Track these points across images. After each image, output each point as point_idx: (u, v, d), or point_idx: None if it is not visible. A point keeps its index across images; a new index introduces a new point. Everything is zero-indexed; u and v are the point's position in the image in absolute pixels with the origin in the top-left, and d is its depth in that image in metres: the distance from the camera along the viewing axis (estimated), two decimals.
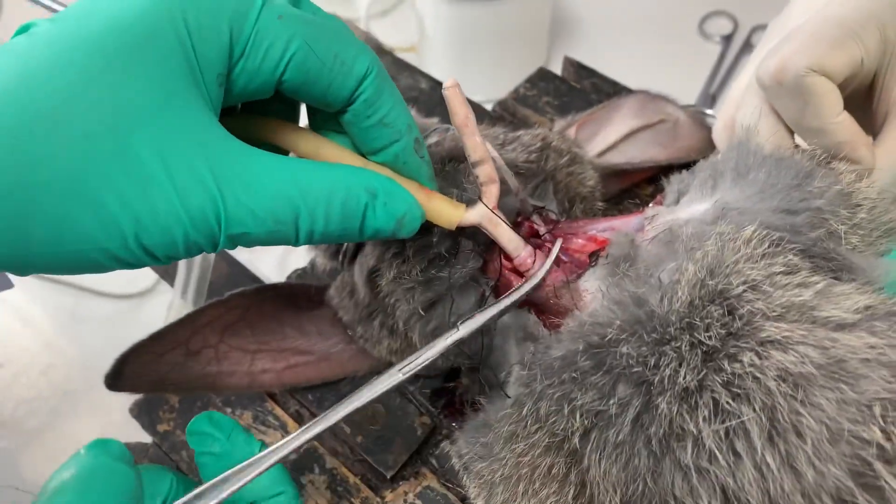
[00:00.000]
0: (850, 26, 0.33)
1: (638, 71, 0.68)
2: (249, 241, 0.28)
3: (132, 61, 0.26)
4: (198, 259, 0.49)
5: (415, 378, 0.43)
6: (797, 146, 0.36)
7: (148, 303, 0.66)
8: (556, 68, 0.60)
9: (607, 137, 0.51)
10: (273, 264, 0.63)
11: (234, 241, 0.28)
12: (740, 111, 0.39)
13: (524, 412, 0.32)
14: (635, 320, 0.29)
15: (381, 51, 0.58)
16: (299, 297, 0.44)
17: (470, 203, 0.33)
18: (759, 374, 0.26)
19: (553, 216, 0.38)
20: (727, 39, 0.82)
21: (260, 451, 0.32)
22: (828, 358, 0.26)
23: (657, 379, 0.28)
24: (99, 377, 0.61)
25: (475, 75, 0.74)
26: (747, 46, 0.81)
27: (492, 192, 0.34)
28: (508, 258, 0.35)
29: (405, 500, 0.38)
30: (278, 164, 0.28)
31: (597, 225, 0.36)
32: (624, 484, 0.28)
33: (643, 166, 0.50)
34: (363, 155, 0.33)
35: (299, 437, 0.30)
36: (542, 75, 0.56)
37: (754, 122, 0.38)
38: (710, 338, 0.27)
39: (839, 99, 0.34)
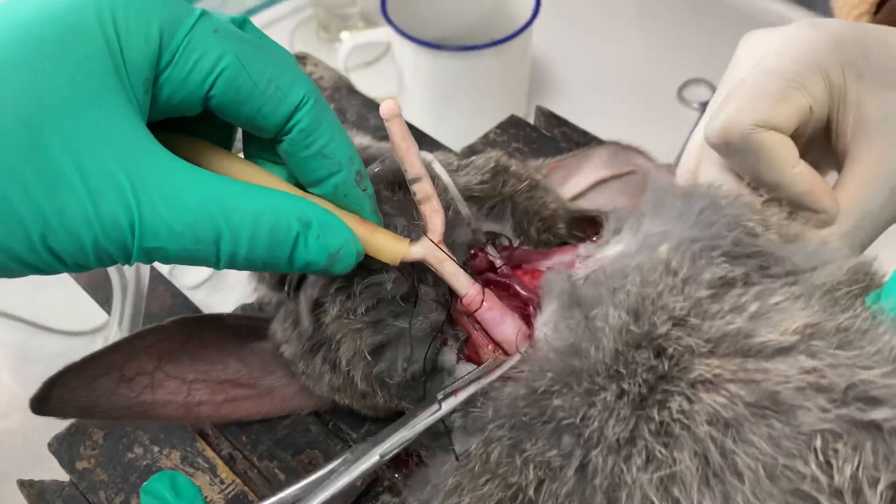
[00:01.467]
0: (791, 76, 0.33)
1: (617, 131, 0.68)
2: (166, 258, 0.27)
3: (54, 54, 0.25)
4: (131, 286, 0.47)
5: (361, 421, 0.41)
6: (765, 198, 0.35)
7: (100, 341, 0.63)
8: (531, 120, 0.59)
9: (576, 185, 0.50)
10: (229, 300, 0.61)
11: (149, 256, 0.26)
12: (701, 168, 0.38)
13: (471, 458, 0.29)
14: (569, 371, 0.27)
15: (352, 91, 0.57)
16: (244, 328, 0.42)
17: (414, 237, 0.32)
18: (687, 421, 0.25)
19: (507, 242, 0.36)
20: (705, 106, 0.83)
21: None
22: (759, 394, 0.25)
23: (588, 432, 0.26)
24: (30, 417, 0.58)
25: (452, 125, 0.74)
26: None
27: (436, 225, 0.32)
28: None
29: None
30: (203, 180, 0.27)
31: (546, 260, 0.34)
32: None
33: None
34: (301, 187, 0.31)
35: None
36: (514, 122, 0.55)
37: (716, 179, 0.37)
38: (636, 384, 0.26)
39: (793, 150, 0.33)
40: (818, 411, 0.25)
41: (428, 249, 0.32)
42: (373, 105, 0.58)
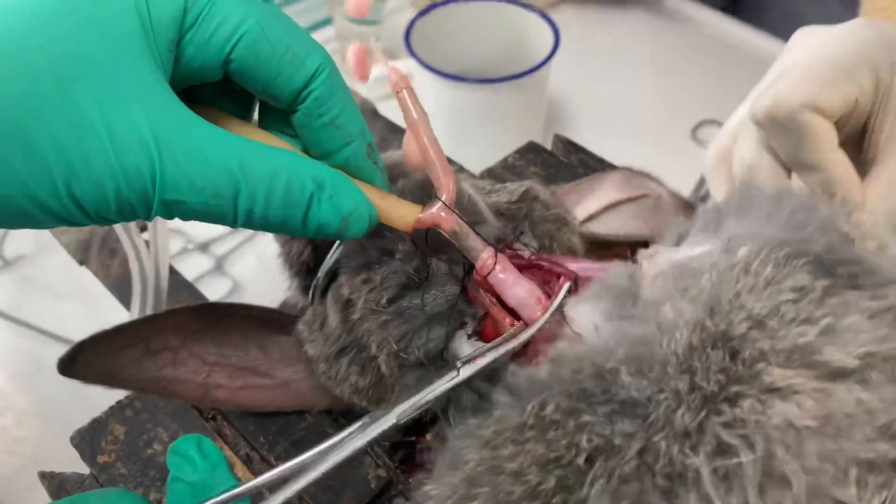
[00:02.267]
0: (843, 66, 0.34)
1: (632, 167, 0.69)
2: (185, 212, 0.28)
3: (86, 11, 0.26)
4: (151, 285, 0.48)
5: None
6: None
7: None
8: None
9: (589, 207, 0.51)
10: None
11: (170, 209, 0.27)
12: (737, 145, 0.39)
13: (525, 412, 0.28)
14: (637, 356, 0.27)
15: (376, 115, 0.59)
16: (271, 321, 0.43)
17: (426, 205, 0.33)
18: (761, 419, 0.25)
19: (528, 244, 0.37)
20: None
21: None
22: (822, 411, 0.25)
23: (655, 416, 0.26)
24: (48, 423, 0.59)
25: (471, 153, 0.75)
26: None
27: (448, 189, 0.33)
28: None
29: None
30: (223, 137, 0.28)
31: (581, 263, 0.35)
32: None
33: (625, 240, 0.50)
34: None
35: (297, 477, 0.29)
36: (532, 148, 0.57)
37: (752, 158, 0.38)
38: (708, 381, 0.26)
39: (834, 135, 0.34)
40: (862, 441, 0.25)
41: (439, 213, 0.33)
42: (396, 128, 0.60)
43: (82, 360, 0.37)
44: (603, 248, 0.51)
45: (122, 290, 0.52)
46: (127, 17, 0.27)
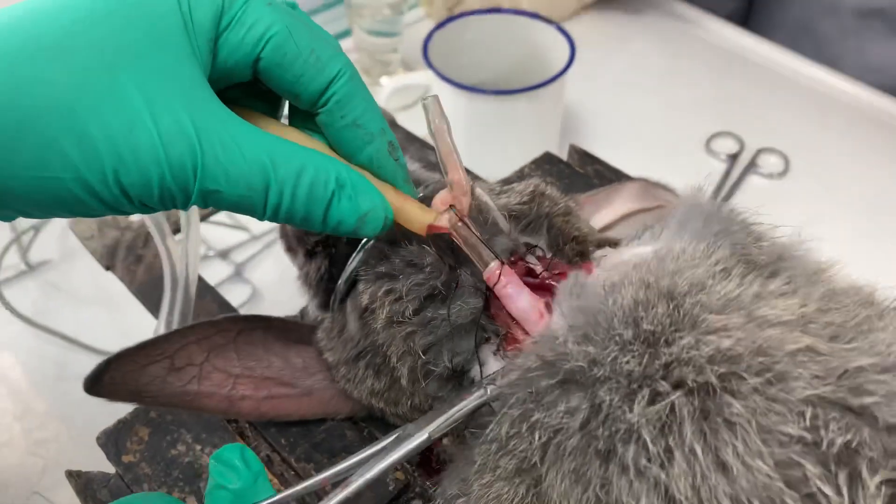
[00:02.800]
0: None
1: (646, 176, 0.70)
2: (219, 201, 0.29)
3: (134, 12, 0.28)
4: (180, 293, 0.49)
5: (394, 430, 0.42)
6: None
7: None
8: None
9: (606, 217, 0.52)
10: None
11: (206, 198, 0.29)
12: None
13: (488, 437, 0.31)
14: (584, 323, 0.30)
15: (394, 125, 0.60)
16: (290, 332, 0.44)
17: (441, 211, 0.34)
18: (691, 355, 0.27)
19: (541, 252, 0.38)
20: (733, 158, 0.85)
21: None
22: (758, 345, 0.27)
23: (601, 373, 0.28)
24: (71, 429, 0.60)
25: (487, 162, 0.76)
26: (752, 165, 0.84)
27: (462, 203, 0.34)
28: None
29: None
30: (257, 134, 0.30)
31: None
32: (576, 497, 0.28)
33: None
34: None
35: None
36: (548, 158, 0.58)
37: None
38: (652, 323, 0.29)
39: None
40: (809, 380, 0.26)
41: (452, 222, 0.34)
42: (413, 138, 0.61)
43: (108, 379, 0.38)
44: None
45: (147, 296, 0.53)
46: (170, 17, 0.29)
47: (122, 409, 0.45)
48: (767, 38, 1.00)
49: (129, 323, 0.43)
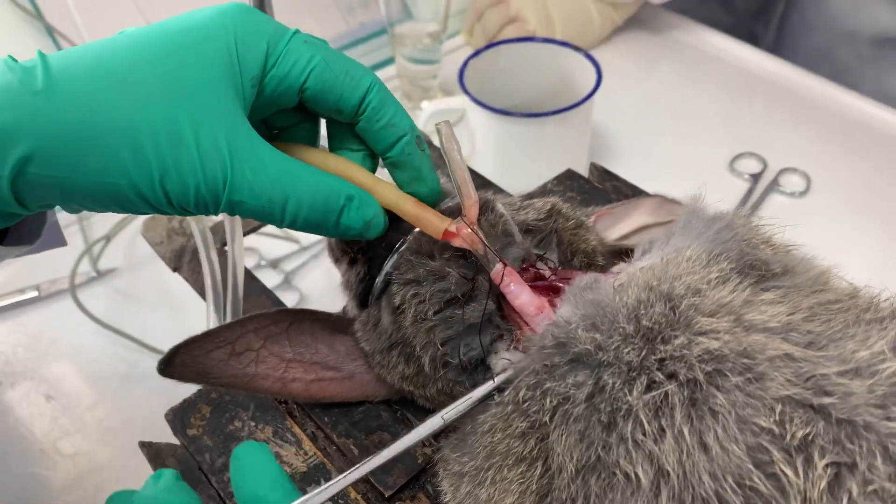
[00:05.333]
0: None
1: (670, 194, 0.74)
2: (244, 211, 0.36)
3: (190, 56, 0.35)
4: (230, 295, 0.55)
5: (424, 412, 0.47)
6: None
7: None
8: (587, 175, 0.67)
9: (623, 229, 0.57)
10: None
11: (232, 207, 0.35)
12: None
13: (504, 401, 0.37)
14: (593, 314, 0.35)
15: (431, 145, 0.66)
16: (334, 324, 0.50)
17: (455, 219, 0.40)
18: (686, 352, 0.32)
19: (552, 265, 0.43)
20: (755, 177, 0.88)
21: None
22: (743, 348, 0.32)
23: (605, 358, 0.33)
24: (134, 418, 0.66)
25: (517, 179, 0.81)
26: (775, 184, 0.87)
27: (471, 212, 0.40)
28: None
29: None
30: (282, 160, 0.36)
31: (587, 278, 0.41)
32: (580, 452, 0.33)
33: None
34: (376, 155, 0.41)
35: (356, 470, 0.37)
36: (569, 175, 0.63)
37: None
38: (651, 323, 0.33)
39: None
40: (783, 382, 0.31)
41: (463, 229, 0.40)
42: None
43: (178, 362, 0.44)
44: (629, 258, 0.57)
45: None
46: (220, 61, 0.35)
47: (180, 397, 0.51)
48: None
49: (187, 326, 0.48)
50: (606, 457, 0.33)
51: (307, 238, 0.84)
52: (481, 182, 0.65)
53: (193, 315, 0.63)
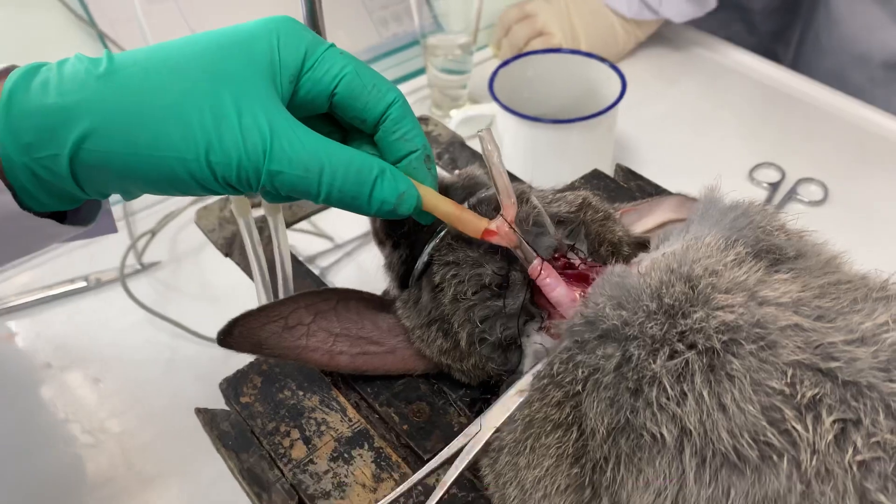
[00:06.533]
0: None
1: None
2: (283, 183, 0.39)
3: (236, 50, 0.39)
4: (280, 280, 0.59)
5: (459, 386, 0.51)
6: None
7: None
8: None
9: (646, 224, 0.60)
10: None
11: (272, 178, 0.39)
12: None
13: (541, 375, 0.40)
14: (619, 295, 0.38)
15: (463, 146, 0.70)
16: (377, 302, 0.53)
17: (493, 219, 0.44)
18: (704, 325, 0.35)
19: (582, 255, 0.46)
20: (774, 186, 0.92)
21: None
22: (756, 320, 0.35)
23: (631, 333, 0.37)
24: (176, 400, 0.70)
25: (544, 182, 0.85)
26: (793, 193, 0.90)
27: (510, 212, 0.43)
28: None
29: (437, 478, 0.44)
30: (317, 136, 0.40)
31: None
32: (610, 416, 0.37)
33: None
34: None
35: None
36: (595, 174, 0.67)
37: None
38: (672, 298, 0.37)
39: None
40: (794, 349, 0.34)
41: (502, 227, 0.43)
42: (478, 155, 0.70)
43: (236, 333, 0.48)
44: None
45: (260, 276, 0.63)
46: (262, 54, 0.39)
47: (215, 381, 0.55)
48: None
49: (225, 316, 0.51)
50: (634, 419, 0.36)
51: (340, 236, 0.88)
52: (512, 180, 0.68)
53: (230, 307, 0.66)
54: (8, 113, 0.37)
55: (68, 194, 0.40)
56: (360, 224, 0.87)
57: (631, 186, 0.65)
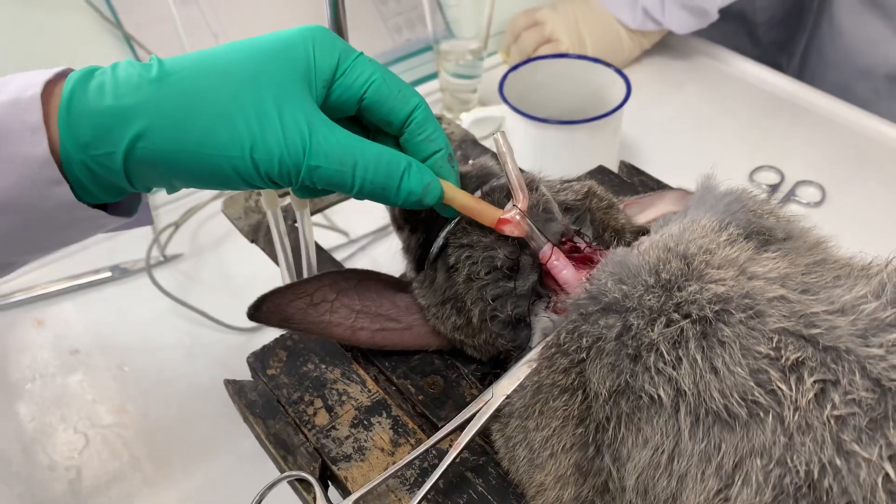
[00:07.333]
0: None
1: None
2: (321, 177, 0.42)
3: (276, 56, 0.43)
4: (304, 265, 0.63)
5: (471, 361, 0.54)
6: None
7: (257, 339, 0.79)
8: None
9: (648, 216, 0.64)
10: None
11: (311, 173, 0.42)
12: None
13: (548, 345, 0.43)
14: (620, 271, 0.42)
15: (476, 143, 0.74)
16: (395, 283, 0.57)
17: (507, 209, 0.47)
18: (698, 297, 0.39)
19: (587, 239, 0.50)
20: (773, 188, 0.95)
21: None
22: (745, 292, 0.39)
23: (631, 305, 0.40)
24: (196, 383, 0.73)
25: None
26: (791, 195, 0.93)
27: (522, 206, 0.47)
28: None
29: (450, 443, 0.47)
30: (349, 133, 0.43)
31: None
32: (612, 380, 0.40)
33: None
34: None
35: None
36: (600, 170, 0.70)
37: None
38: (668, 273, 0.40)
39: None
40: (779, 318, 0.38)
41: (514, 216, 0.47)
42: (491, 154, 0.74)
43: (266, 308, 0.52)
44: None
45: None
46: (299, 60, 0.43)
47: (233, 367, 0.58)
48: None
49: (244, 305, 0.53)
50: (634, 383, 0.40)
51: (355, 230, 0.91)
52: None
53: (248, 298, 0.69)
54: (68, 114, 0.40)
55: (117, 187, 0.43)
56: (374, 219, 0.91)
57: (634, 182, 0.69)
